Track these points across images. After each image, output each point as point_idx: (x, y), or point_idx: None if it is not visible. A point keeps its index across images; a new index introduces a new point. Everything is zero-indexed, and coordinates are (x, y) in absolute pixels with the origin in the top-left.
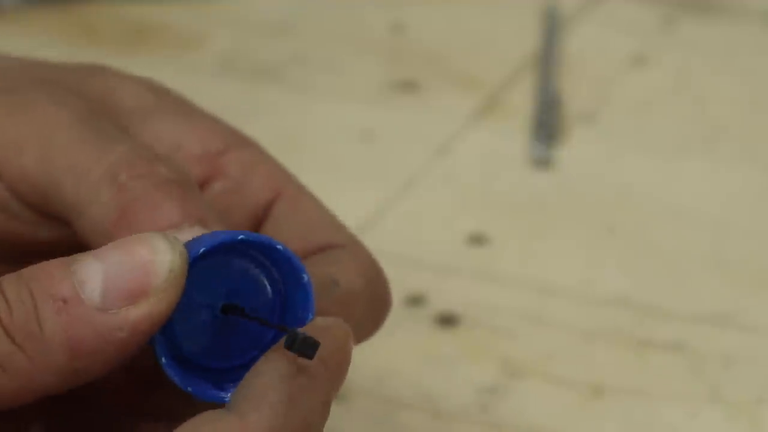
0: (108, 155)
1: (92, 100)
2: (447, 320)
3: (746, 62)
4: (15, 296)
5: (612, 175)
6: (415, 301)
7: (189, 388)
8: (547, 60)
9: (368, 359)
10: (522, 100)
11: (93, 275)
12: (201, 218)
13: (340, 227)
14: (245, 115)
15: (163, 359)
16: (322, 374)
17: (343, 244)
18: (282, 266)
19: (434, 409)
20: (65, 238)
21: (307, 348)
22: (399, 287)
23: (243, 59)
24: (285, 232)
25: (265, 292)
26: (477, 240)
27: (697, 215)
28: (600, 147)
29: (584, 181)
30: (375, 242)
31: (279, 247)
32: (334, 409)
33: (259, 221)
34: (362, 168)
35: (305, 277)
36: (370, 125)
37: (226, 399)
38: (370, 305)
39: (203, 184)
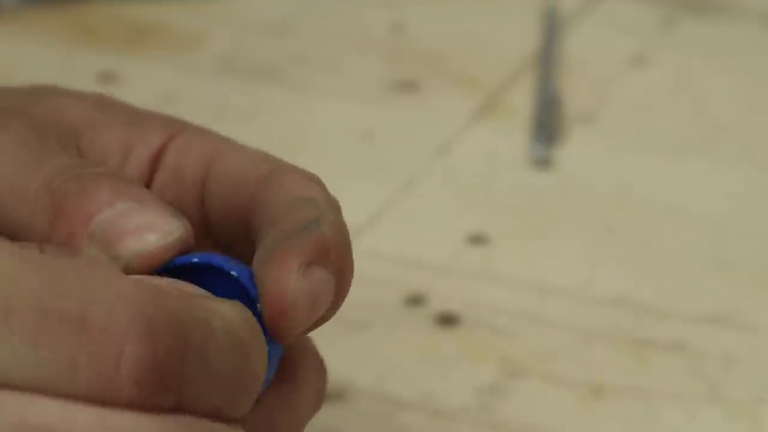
0: (44, 171)
1: (40, 121)
2: (447, 320)
3: (745, 62)
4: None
5: (612, 175)
6: (415, 301)
7: None
8: (547, 60)
9: (368, 359)
10: (522, 100)
11: None
12: (132, 197)
13: (265, 161)
14: (245, 115)
15: None
16: None
17: (274, 171)
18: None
19: (434, 409)
20: None
21: None
22: (399, 287)
23: (242, 59)
24: (223, 191)
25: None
26: (477, 240)
27: (697, 215)
28: (600, 147)
29: (584, 181)
30: (375, 242)
31: (233, 273)
32: (334, 409)
33: (201, 199)
34: (362, 168)
35: (233, 273)
36: (370, 125)
37: None
38: (335, 202)
39: (149, 183)
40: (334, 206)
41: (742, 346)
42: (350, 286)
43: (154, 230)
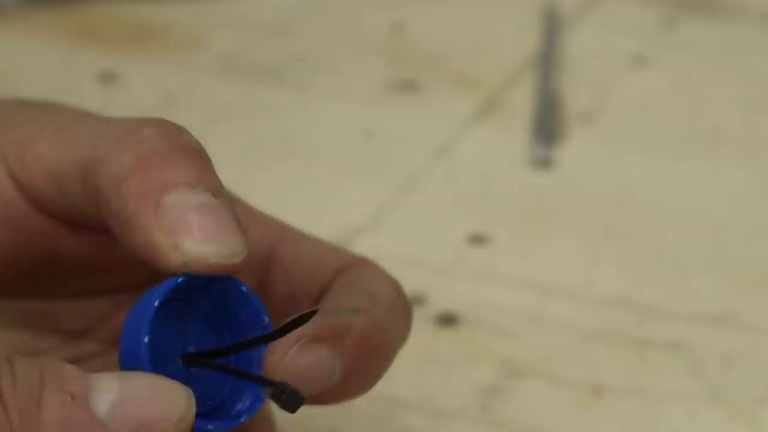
0: (131, 120)
1: None
2: (447, 320)
3: (746, 63)
4: (24, 373)
5: (612, 175)
6: (415, 301)
7: None
8: (547, 60)
9: None
10: (522, 100)
11: (108, 389)
12: (214, 188)
13: (344, 252)
14: (245, 115)
15: None
16: None
17: (355, 263)
18: (244, 307)
19: (434, 409)
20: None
21: (292, 403)
22: None
23: (243, 59)
24: (295, 273)
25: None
26: (477, 240)
27: (697, 215)
28: (600, 147)
29: (584, 181)
30: (375, 242)
31: (243, 288)
32: (334, 409)
33: (265, 270)
34: (362, 168)
35: (266, 319)
36: (370, 125)
37: None
38: (405, 309)
39: None
40: (397, 311)
41: (742, 346)
42: (371, 384)
43: (221, 242)
